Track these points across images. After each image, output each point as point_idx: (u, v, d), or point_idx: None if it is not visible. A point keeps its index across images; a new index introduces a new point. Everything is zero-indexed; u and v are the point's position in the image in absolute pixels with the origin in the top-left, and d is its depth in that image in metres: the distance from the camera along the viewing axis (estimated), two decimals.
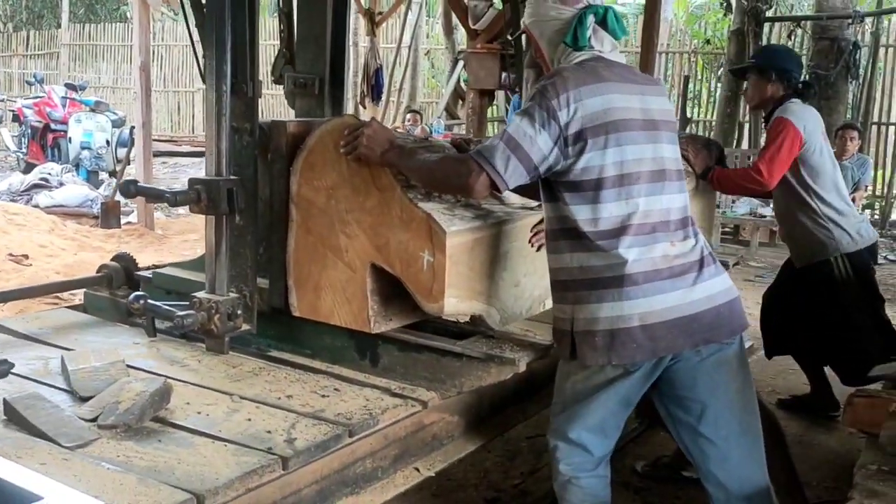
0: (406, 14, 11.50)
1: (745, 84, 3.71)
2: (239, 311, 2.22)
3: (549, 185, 2.02)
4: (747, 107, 3.95)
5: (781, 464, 2.80)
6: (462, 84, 10.03)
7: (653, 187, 1.98)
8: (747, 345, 3.78)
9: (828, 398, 3.72)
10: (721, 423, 2.03)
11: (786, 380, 4.31)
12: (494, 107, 10.48)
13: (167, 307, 2.19)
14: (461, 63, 9.62)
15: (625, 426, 2.19)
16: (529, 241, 2.36)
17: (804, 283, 3.53)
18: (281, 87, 2.87)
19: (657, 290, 1.93)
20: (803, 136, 3.32)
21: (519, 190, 2.11)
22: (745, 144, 9.33)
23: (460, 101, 10.68)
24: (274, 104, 14.36)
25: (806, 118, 3.37)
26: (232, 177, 2.18)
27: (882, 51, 9.79)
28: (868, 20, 9.12)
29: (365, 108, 10.08)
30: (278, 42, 2.79)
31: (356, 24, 11.41)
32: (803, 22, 9.36)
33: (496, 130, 10.29)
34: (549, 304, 2.58)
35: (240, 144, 2.24)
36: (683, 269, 1.97)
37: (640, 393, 2.06)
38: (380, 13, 9.92)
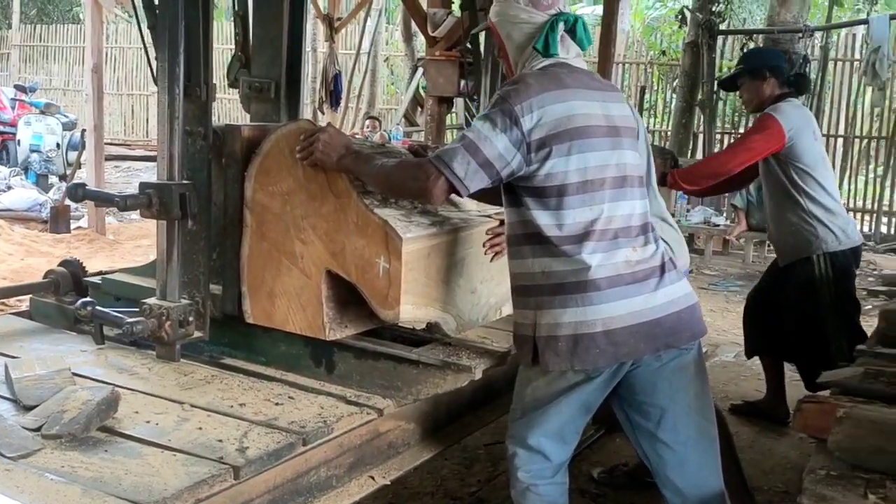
0: (365, 20, 11.47)
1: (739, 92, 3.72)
2: (191, 318, 2.18)
3: (511, 191, 2.01)
4: (743, 112, 3.91)
5: (730, 468, 2.84)
6: (421, 91, 10.02)
7: (615, 193, 2.00)
8: (703, 350, 3.84)
9: (780, 406, 3.78)
10: (680, 429, 2.05)
11: (738, 385, 4.38)
12: (453, 114, 10.49)
13: (116, 314, 2.14)
14: (420, 70, 9.63)
15: (582, 432, 2.20)
16: (484, 249, 2.36)
17: (786, 281, 3.58)
18: (237, 91, 2.84)
19: (620, 296, 1.94)
20: (786, 137, 3.37)
21: (478, 196, 2.10)
22: (699, 154, 9.47)
23: (419, 108, 10.67)
24: (230, 109, 14.22)
25: (794, 118, 3.42)
26: (185, 181, 2.14)
27: (831, 65, 10.03)
28: (818, 34, 9.33)
29: (323, 113, 10.02)
30: (234, 46, 2.75)
31: (315, 29, 11.35)
32: (755, 35, 9.53)
33: (453, 138, 10.30)
34: (506, 310, 2.59)
35: (193, 148, 2.20)
36: (646, 275, 1.98)
37: (600, 398, 2.07)
38: (339, 19, 9.86)
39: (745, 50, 9.29)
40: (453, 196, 2.03)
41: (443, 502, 3.00)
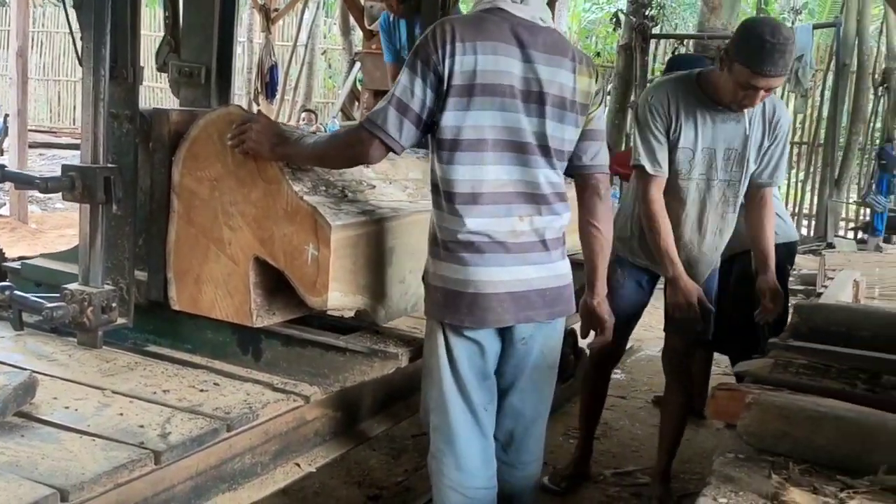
0: (303, 12, 11.37)
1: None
2: (114, 304, 2.14)
3: (430, 135, 2.03)
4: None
5: (666, 453, 3.02)
6: (358, 85, 9.99)
7: (514, 158, 1.98)
8: (629, 346, 3.93)
9: (699, 398, 3.90)
10: (526, 398, 2.16)
11: (661, 378, 4.50)
12: None
13: (36, 299, 2.09)
14: (358, 64, 9.59)
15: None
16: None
17: (727, 273, 3.67)
18: (167, 77, 2.79)
19: (496, 263, 1.97)
20: None
21: None
22: None
23: (357, 102, 10.63)
24: (163, 98, 13.91)
25: None
26: (110, 164, 2.10)
27: None
28: None
29: (259, 105, 9.90)
30: (163, 30, 2.71)
31: (251, 19, 11.21)
32: (686, 40, 9.81)
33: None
34: None
35: (119, 132, 2.17)
36: (528, 247, 2.01)
37: (486, 365, 2.08)
38: (275, 10, 9.77)
39: (675, 54, 9.56)
40: (382, 185, 2.05)
41: (369, 491, 3.02)
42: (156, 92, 13.78)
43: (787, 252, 3.65)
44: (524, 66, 1.96)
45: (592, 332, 2.30)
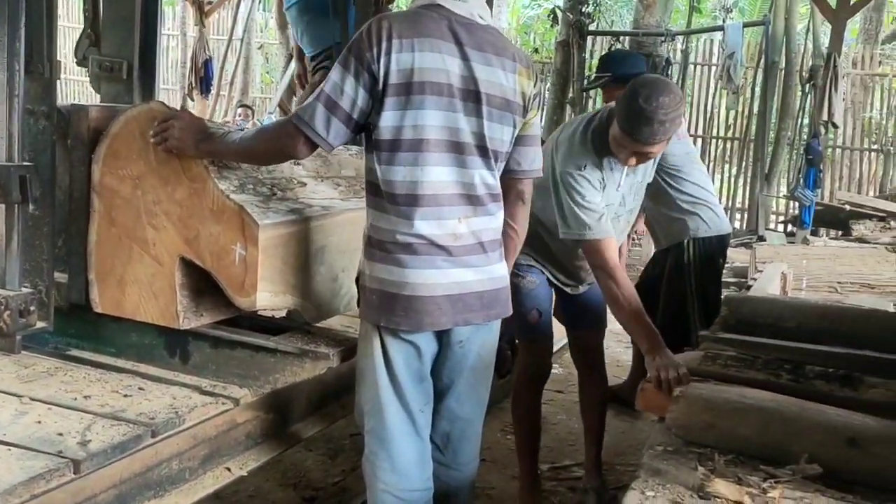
0: (238, 6, 11.18)
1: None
2: (32, 308, 2.06)
3: (366, 134, 1.99)
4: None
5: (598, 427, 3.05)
6: (296, 80, 9.87)
7: (452, 159, 1.94)
8: (559, 345, 3.95)
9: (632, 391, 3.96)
10: (463, 401, 2.14)
11: None
12: None
13: None
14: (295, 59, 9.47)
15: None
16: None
17: (662, 265, 3.74)
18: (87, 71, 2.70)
19: (434, 265, 1.94)
20: None
21: None
22: None
23: (294, 97, 10.50)
24: (86, 92, 13.52)
25: None
26: (26, 163, 2.02)
27: (691, 68, 10.59)
28: (679, 39, 9.83)
29: (193, 100, 9.71)
30: (82, 23, 2.62)
31: (185, 12, 10.97)
32: (622, 37, 9.94)
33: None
34: None
35: (35, 128, 2.09)
36: (467, 250, 1.98)
37: (422, 367, 2.05)
38: (209, 3, 9.58)
39: (611, 50, 9.69)
40: (313, 183, 2.01)
41: (306, 493, 2.99)
42: (77, 85, 13.38)
43: (719, 245, 3.73)
44: (462, 65, 1.92)
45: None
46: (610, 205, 2.67)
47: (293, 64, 10.39)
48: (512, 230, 2.17)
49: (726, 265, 7.94)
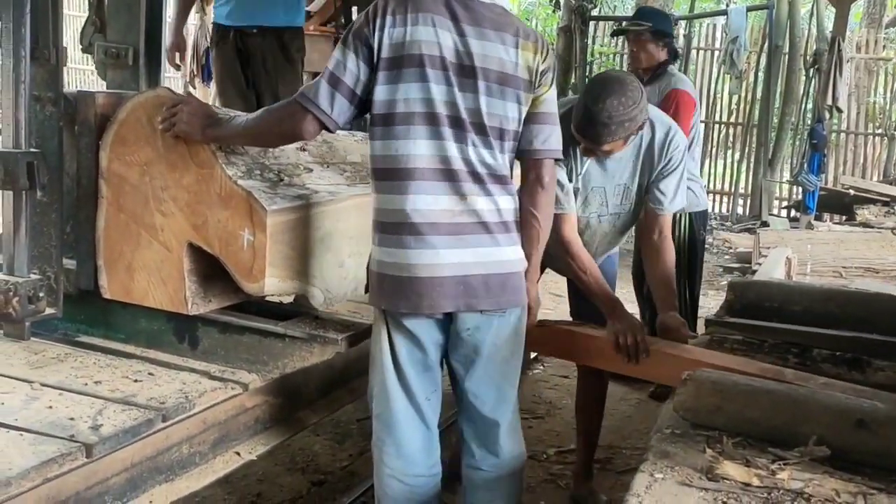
0: None
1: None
2: (41, 294, 2.08)
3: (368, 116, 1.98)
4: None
5: (589, 429, 2.97)
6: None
7: (445, 133, 1.90)
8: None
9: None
10: (482, 395, 2.05)
11: None
12: None
13: None
14: None
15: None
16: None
17: None
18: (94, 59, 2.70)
19: (430, 245, 1.89)
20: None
21: None
22: None
23: None
24: (88, 81, 13.48)
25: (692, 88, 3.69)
26: (33, 149, 2.03)
27: (694, 53, 10.54)
28: (682, 23, 9.78)
29: (195, 88, 9.67)
30: (87, 10, 2.62)
31: None
32: (625, 22, 9.90)
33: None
34: None
35: (42, 115, 2.09)
36: (468, 229, 1.92)
37: (426, 357, 2.01)
38: None
39: (613, 35, 9.65)
40: (319, 169, 2.00)
41: (314, 477, 3.00)
42: (87, 74, 13.34)
43: (703, 219, 3.81)
44: (457, 40, 1.90)
45: None
46: (577, 189, 2.59)
47: None
48: (533, 217, 2.05)
49: (730, 250, 7.94)
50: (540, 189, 2.05)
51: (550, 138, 2.04)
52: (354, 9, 4.32)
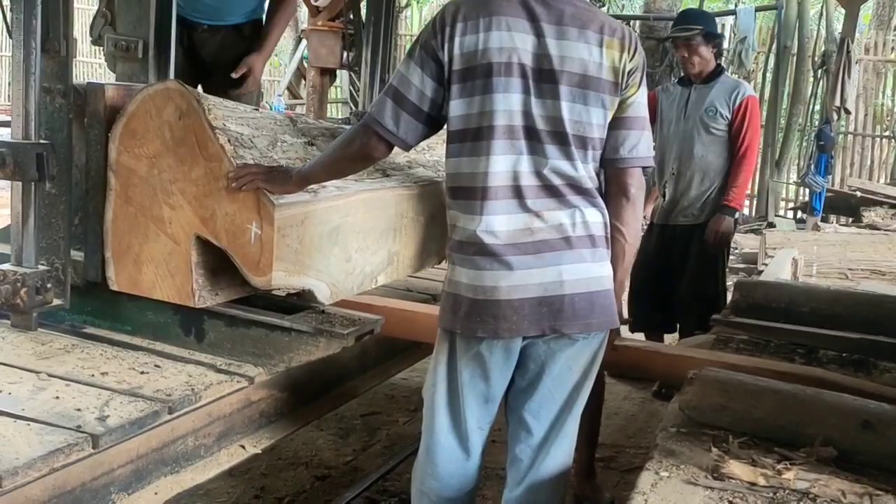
0: None
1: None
2: (49, 285, 2.08)
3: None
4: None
5: (589, 427, 2.94)
6: (305, 63, 9.85)
7: (521, 146, 1.77)
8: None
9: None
10: (542, 417, 1.90)
11: None
12: (338, 87, 10.37)
13: None
14: (304, 41, 9.45)
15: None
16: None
17: (690, 240, 3.81)
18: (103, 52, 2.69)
19: (509, 266, 1.76)
20: None
21: None
22: None
23: (303, 80, 10.49)
24: (96, 75, 13.52)
25: None
26: (42, 141, 2.03)
27: None
28: None
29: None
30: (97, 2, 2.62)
31: None
32: (632, 21, 9.87)
33: (339, 111, 10.19)
34: (381, 280, 2.61)
35: (52, 107, 2.09)
36: (547, 247, 1.78)
37: (489, 389, 1.89)
38: None
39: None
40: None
41: (317, 472, 3.01)
42: (96, 68, 13.37)
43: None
44: (536, 42, 1.76)
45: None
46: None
47: (301, 47, 10.37)
48: (618, 232, 1.88)
49: (736, 250, 7.95)
50: (626, 201, 1.89)
51: (639, 145, 1.88)
52: (363, 4, 4.31)
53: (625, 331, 3.99)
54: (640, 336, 3.93)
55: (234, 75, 3.14)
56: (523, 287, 1.77)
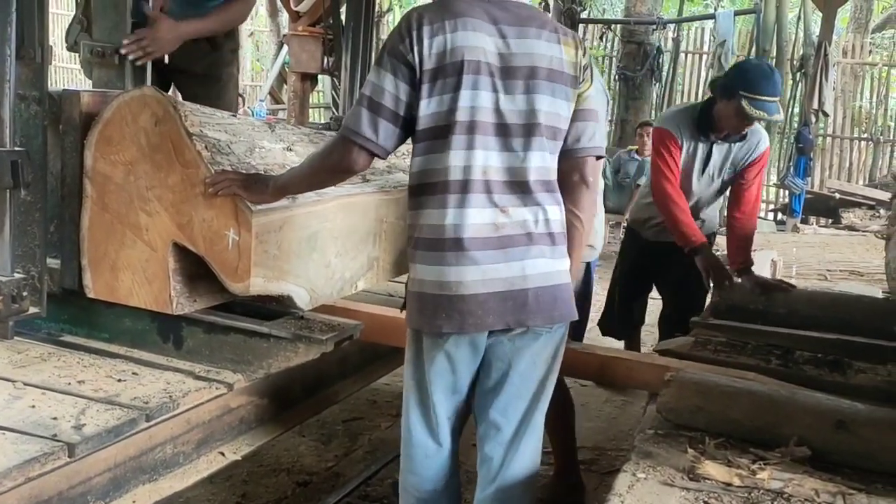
0: None
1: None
2: (25, 293, 2.06)
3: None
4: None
5: (564, 434, 2.95)
6: (286, 68, 9.84)
7: (490, 142, 1.82)
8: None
9: None
10: (509, 412, 1.95)
11: None
12: (320, 93, 10.36)
13: None
14: (286, 46, 9.43)
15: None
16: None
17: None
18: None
19: (475, 261, 1.80)
20: None
21: None
22: None
23: (285, 86, 10.47)
24: (73, 80, 13.44)
25: None
26: (17, 148, 2.02)
27: (682, 56, 10.60)
28: (670, 27, 9.83)
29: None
30: (74, 9, 2.60)
31: None
32: (613, 25, 9.94)
33: (321, 116, 10.18)
34: (361, 285, 2.61)
35: (27, 114, 2.07)
36: (512, 242, 1.83)
37: (457, 381, 1.95)
38: None
39: (602, 38, 9.64)
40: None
41: (299, 478, 3.00)
42: (75, 73, 13.30)
43: None
44: (500, 42, 1.82)
45: None
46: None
47: (283, 52, 10.35)
48: (576, 218, 1.97)
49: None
50: (585, 188, 1.98)
51: (595, 135, 1.97)
52: (343, 9, 4.31)
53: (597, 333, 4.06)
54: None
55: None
56: (489, 282, 1.81)
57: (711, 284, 3.23)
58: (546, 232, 1.88)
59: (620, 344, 4.14)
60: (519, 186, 1.85)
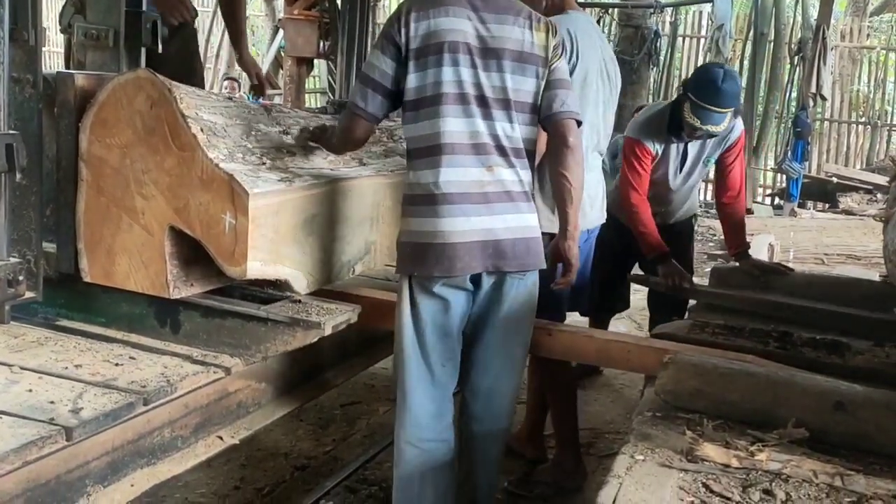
0: None
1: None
2: (21, 278, 2.05)
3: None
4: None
5: (569, 420, 2.96)
6: (282, 52, 9.77)
7: (472, 111, 2.08)
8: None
9: None
10: (494, 353, 2.22)
11: None
12: (315, 77, 10.30)
13: None
14: (281, 31, 9.36)
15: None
16: None
17: (668, 238, 3.62)
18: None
19: (462, 213, 2.06)
20: None
21: None
22: None
23: (281, 70, 10.41)
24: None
25: None
26: (11, 131, 2.00)
27: (679, 40, 10.56)
28: (668, 11, 9.78)
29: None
30: None
31: None
32: (611, 9, 9.89)
33: (317, 101, 10.14)
34: (358, 269, 2.60)
35: (21, 97, 2.06)
36: (495, 198, 2.10)
37: (449, 322, 2.15)
38: None
39: (600, 22, 9.58)
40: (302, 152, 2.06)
41: (297, 462, 3.01)
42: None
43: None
44: (479, 26, 2.10)
45: (560, 272, 2.27)
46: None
47: (279, 36, 10.27)
48: (563, 178, 2.19)
49: (714, 237, 7.99)
50: (566, 149, 2.18)
51: (567, 100, 2.20)
52: None
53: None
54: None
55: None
56: (475, 231, 2.08)
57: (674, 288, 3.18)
58: (521, 191, 2.16)
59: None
60: (499, 150, 2.12)
